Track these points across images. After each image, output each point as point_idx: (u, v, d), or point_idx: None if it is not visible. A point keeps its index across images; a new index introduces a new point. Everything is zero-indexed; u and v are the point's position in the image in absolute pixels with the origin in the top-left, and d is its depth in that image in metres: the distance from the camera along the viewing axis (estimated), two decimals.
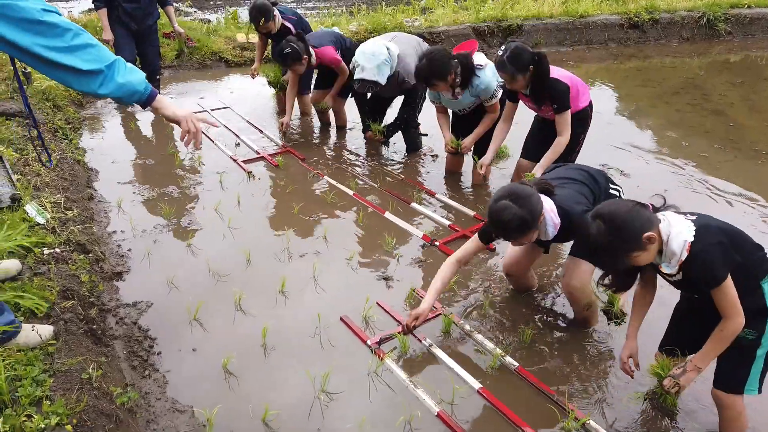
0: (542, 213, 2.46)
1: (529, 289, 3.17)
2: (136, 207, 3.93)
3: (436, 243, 3.56)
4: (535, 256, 3.02)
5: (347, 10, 9.82)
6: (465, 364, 2.62)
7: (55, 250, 2.87)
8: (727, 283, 1.94)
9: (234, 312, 2.95)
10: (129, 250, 3.43)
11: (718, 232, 1.97)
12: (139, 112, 5.67)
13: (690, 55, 8.43)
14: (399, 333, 2.72)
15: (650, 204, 2.07)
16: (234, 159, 4.69)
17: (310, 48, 4.71)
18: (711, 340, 2.05)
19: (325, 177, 4.43)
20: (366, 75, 4.17)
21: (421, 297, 3.00)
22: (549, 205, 2.53)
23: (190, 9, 10.68)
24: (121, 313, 2.88)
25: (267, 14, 4.94)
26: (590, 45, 8.75)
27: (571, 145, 3.61)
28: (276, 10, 5.03)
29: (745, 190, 4.34)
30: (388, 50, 4.23)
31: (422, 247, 3.56)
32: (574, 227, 2.54)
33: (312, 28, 5.49)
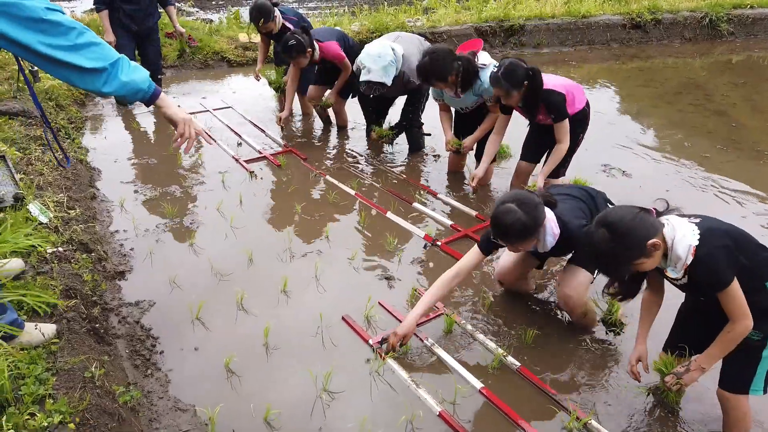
0: (544, 223, 2.50)
1: (526, 292, 3.17)
2: (138, 206, 3.94)
3: (438, 243, 3.56)
4: (529, 267, 3.04)
5: (349, 10, 9.81)
6: (466, 364, 2.62)
7: (58, 249, 2.88)
8: (734, 285, 1.93)
9: (236, 311, 2.95)
10: (131, 250, 3.44)
11: (723, 235, 1.96)
12: (140, 113, 5.68)
13: (692, 55, 8.41)
14: (379, 351, 2.63)
15: (653, 208, 2.07)
16: (236, 159, 4.69)
17: (315, 42, 4.66)
18: (717, 342, 2.05)
19: (327, 177, 4.43)
20: (372, 77, 4.14)
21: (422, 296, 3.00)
22: (550, 215, 2.58)
23: (192, 9, 10.69)
24: (123, 312, 2.89)
25: (267, 15, 4.91)
26: (592, 45, 8.74)
27: (570, 144, 3.62)
28: (276, 11, 5.00)
29: (751, 188, 4.33)
30: (393, 51, 4.20)
31: (424, 247, 3.56)
32: (572, 240, 2.58)
33: (314, 28, 5.48)
